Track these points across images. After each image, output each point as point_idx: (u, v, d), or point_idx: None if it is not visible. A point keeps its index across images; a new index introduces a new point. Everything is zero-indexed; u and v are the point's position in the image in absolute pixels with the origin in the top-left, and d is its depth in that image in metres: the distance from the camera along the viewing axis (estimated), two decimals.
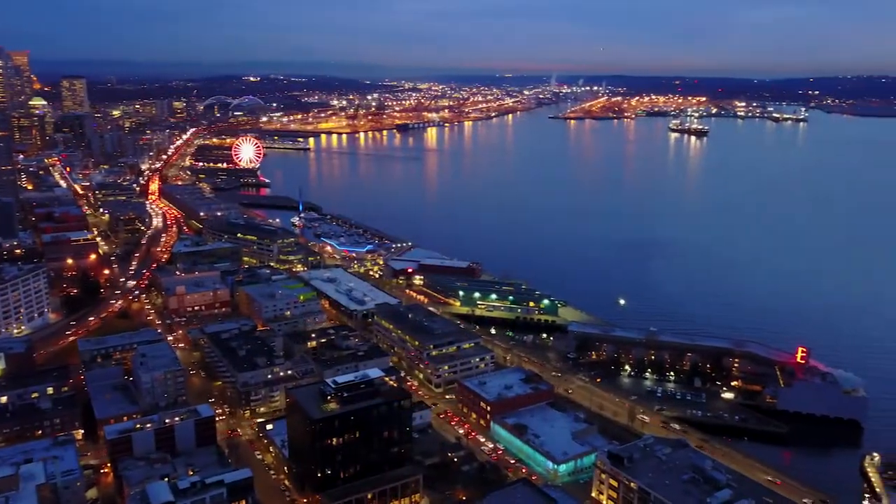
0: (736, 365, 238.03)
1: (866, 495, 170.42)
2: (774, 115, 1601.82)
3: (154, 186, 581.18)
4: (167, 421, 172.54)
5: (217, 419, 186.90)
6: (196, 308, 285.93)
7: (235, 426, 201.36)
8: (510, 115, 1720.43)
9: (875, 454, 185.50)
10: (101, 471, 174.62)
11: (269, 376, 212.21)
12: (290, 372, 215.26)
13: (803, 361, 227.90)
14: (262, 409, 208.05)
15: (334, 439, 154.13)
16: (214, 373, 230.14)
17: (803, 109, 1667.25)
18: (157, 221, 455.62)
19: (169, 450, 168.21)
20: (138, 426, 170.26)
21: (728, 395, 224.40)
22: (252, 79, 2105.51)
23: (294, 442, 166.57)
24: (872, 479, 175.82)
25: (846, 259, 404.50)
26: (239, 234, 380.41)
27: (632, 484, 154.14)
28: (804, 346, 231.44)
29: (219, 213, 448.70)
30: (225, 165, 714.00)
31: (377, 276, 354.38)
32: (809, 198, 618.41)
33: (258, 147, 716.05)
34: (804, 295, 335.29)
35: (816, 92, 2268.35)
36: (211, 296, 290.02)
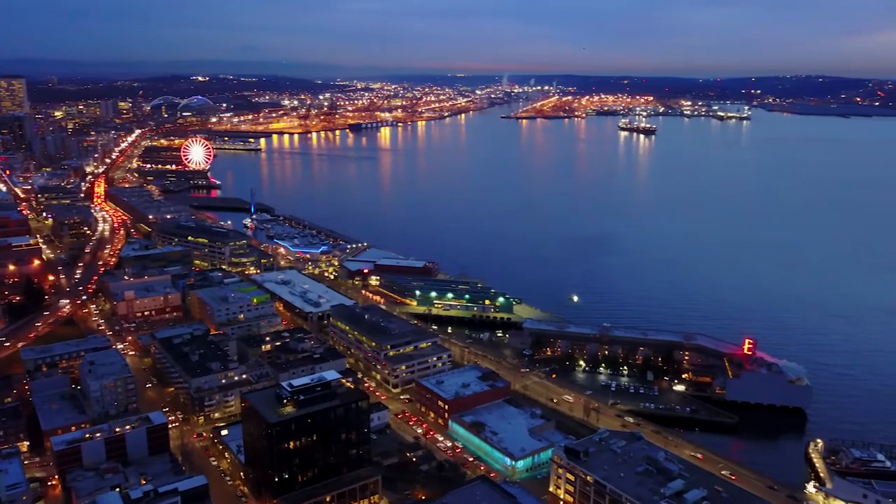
0: (686, 358, 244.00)
1: (811, 480, 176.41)
2: (719, 113, 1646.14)
3: (100, 189, 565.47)
4: (118, 429, 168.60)
5: (170, 426, 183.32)
6: (146, 313, 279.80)
7: (189, 433, 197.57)
8: (463, 115, 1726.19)
9: (819, 440, 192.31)
10: (49, 483, 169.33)
11: (224, 381, 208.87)
12: (244, 376, 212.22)
13: (750, 353, 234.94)
14: (216, 415, 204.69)
15: (291, 443, 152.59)
16: (167, 379, 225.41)
17: (746, 108, 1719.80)
18: (103, 225, 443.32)
19: (120, 459, 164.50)
20: (87, 436, 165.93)
21: (679, 388, 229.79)
22: (200, 78, 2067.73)
23: (250, 447, 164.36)
24: (817, 465, 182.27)
25: (789, 253, 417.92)
26: (189, 237, 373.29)
27: (588, 477, 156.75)
28: (751, 337, 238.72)
29: (168, 216, 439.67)
30: (174, 167, 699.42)
31: (332, 277, 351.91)
32: (753, 194, 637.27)
33: (208, 148, 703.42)
34: (750, 288, 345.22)
35: (758, 91, 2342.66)
36: (161, 300, 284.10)
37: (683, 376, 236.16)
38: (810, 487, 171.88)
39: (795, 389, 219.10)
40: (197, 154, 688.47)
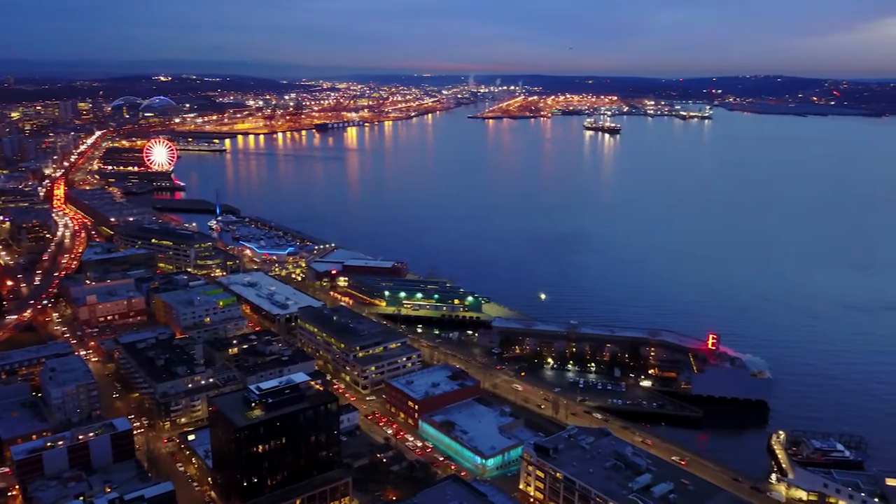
0: (652, 354, 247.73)
1: (774, 471, 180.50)
2: (682, 112, 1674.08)
3: (59, 192, 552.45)
4: (80, 437, 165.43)
5: (135, 432, 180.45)
6: (109, 318, 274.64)
7: (155, 439, 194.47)
8: (430, 115, 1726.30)
9: (781, 432, 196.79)
10: (9, 493, 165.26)
11: (190, 385, 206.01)
12: (211, 380, 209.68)
13: (714, 347, 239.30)
14: (183, 420, 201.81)
15: (260, 446, 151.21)
16: (131, 384, 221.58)
17: (708, 107, 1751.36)
18: (63, 229, 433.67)
19: (84, 467, 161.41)
20: (49, 444, 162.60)
21: (646, 383, 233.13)
22: (163, 78, 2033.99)
23: (218, 451, 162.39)
24: (779, 456, 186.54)
25: (750, 250, 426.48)
26: (153, 240, 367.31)
27: (557, 474, 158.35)
28: (714, 332, 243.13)
29: (131, 219, 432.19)
30: (136, 169, 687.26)
31: (300, 278, 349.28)
32: (715, 192, 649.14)
33: (171, 149, 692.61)
34: (713, 284, 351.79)
35: (719, 91, 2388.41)
36: (125, 304, 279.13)
37: (650, 372, 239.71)
38: (773, 478, 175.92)
39: (758, 383, 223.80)
40: (160, 155, 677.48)
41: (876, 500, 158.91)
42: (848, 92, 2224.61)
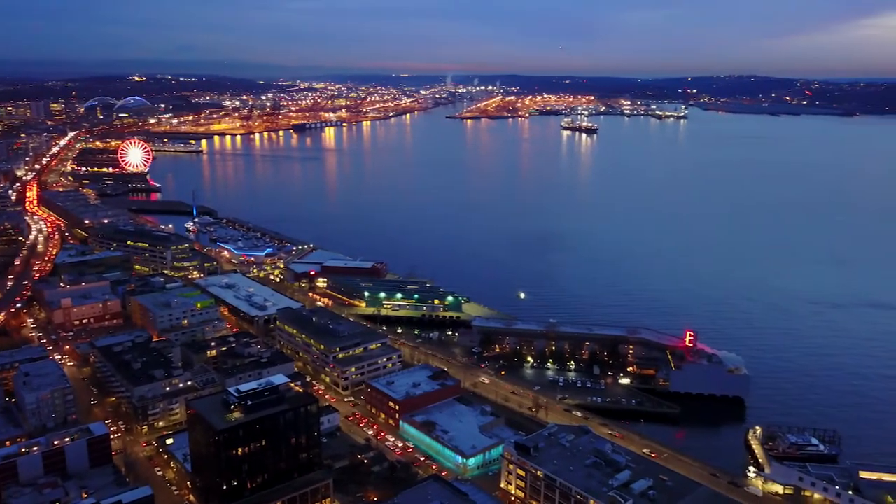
0: (631, 351, 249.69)
1: (751, 466, 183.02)
2: (658, 112, 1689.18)
3: (32, 194, 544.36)
4: (56, 442, 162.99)
5: (112, 437, 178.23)
6: (84, 321, 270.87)
7: (133, 443, 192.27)
8: (408, 115, 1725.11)
9: (757, 427, 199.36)
10: None
11: (168, 388, 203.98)
12: (189, 383, 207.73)
13: (691, 345, 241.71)
14: (160, 424, 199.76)
15: (240, 449, 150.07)
16: (108, 388, 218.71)
17: (683, 107, 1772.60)
18: (36, 231, 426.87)
19: (59, 473, 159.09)
20: (23, 450, 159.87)
21: (625, 381, 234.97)
22: (137, 78, 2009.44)
23: (197, 455, 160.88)
24: (755, 451, 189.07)
25: (726, 248, 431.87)
26: (129, 242, 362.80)
27: (538, 472, 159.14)
28: (691, 330, 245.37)
29: (106, 220, 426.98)
30: (111, 170, 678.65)
31: (278, 280, 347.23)
32: (691, 191, 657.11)
33: (147, 150, 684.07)
34: (690, 282, 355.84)
35: (694, 90, 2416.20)
36: (100, 308, 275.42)
37: (628, 369, 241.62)
38: (750, 473, 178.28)
39: (734, 379, 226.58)
40: (135, 156, 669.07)
41: (850, 492, 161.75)
42: (819, 92, 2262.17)
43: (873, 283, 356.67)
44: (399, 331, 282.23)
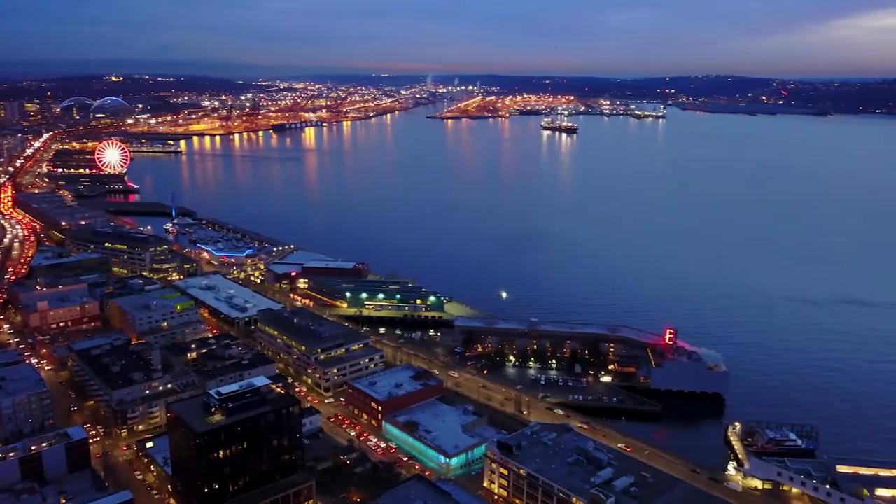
0: (612, 349, 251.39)
1: (730, 461, 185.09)
2: (637, 112, 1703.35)
3: (7, 195, 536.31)
4: (33, 447, 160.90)
5: (91, 441, 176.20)
6: (62, 324, 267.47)
7: (112, 447, 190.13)
8: (388, 115, 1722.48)
9: (737, 423, 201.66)
10: None
11: (147, 392, 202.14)
12: (169, 386, 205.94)
13: (671, 342, 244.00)
14: (140, 427, 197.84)
15: (221, 452, 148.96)
16: (86, 392, 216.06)
17: (662, 107, 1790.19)
18: (12, 233, 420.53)
19: (37, 478, 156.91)
20: (0, 456, 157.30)
21: (606, 379, 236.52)
22: (114, 79, 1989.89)
23: (178, 458, 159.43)
24: (735, 447, 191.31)
25: (704, 247, 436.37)
26: (107, 244, 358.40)
27: (521, 471, 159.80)
28: (671, 327, 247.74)
29: (83, 222, 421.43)
30: (88, 171, 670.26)
31: (258, 281, 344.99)
32: (671, 190, 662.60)
33: (124, 151, 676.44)
34: (669, 280, 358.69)
35: (672, 90, 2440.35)
36: (78, 310, 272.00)
37: (609, 367, 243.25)
38: (730, 469, 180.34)
39: (714, 376, 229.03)
40: (112, 157, 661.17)
41: (827, 486, 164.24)
42: (795, 91, 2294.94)
43: (850, 280, 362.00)
44: (381, 331, 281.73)
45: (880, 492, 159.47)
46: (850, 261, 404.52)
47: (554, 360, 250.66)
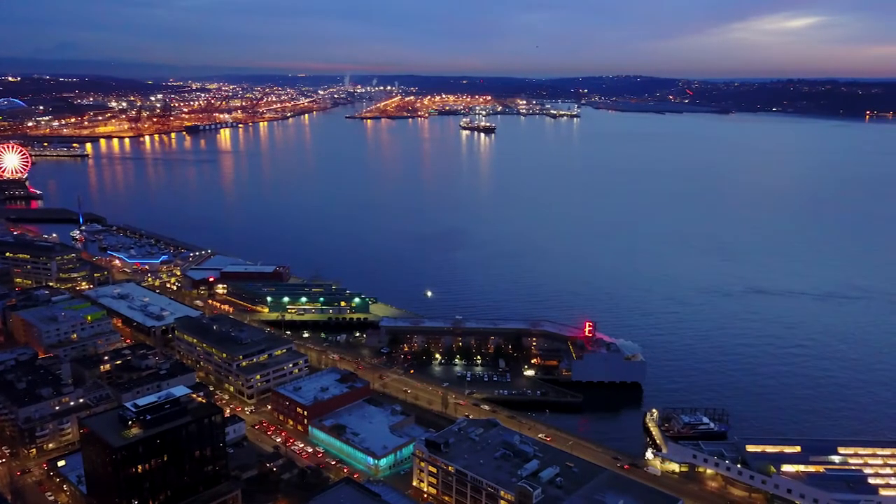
0: (534, 343, 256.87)
1: (649, 447, 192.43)
2: (552, 111, 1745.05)
3: None
4: None
5: None
6: None
7: (19, 468, 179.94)
8: (306, 116, 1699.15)
9: (654, 410, 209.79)
10: None
11: (57, 408, 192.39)
12: (81, 400, 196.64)
13: (591, 335, 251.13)
14: (50, 446, 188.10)
15: (139, 466, 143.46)
16: None
17: (576, 106, 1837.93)
18: None
19: None
20: None
21: (529, 373, 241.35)
22: (11, 79, 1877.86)
23: (93, 475, 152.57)
24: (653, 432, 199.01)
25: (619, 242, 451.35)
26: (7, 254, 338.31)
27: (449, 468, 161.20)
28: (590, 320, 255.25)
29: None
30: None
31: (175, 287, 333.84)
32: (587, 186, 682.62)
33: (24, 155, 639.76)
34: (587, 275, 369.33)
35: (585, 90, 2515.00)
36: None
37: (532, 361, 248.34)
38: (649, 454, 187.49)
39: (632, 366, 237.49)
40: (11, 161, 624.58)
41: (738, 465, 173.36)
42: (699, 91, 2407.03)
43: (755, 271, 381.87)
44: (305, 335, 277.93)
45: (786, 467, 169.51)
46: (756, 252, 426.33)
47: (479, 357, 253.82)
